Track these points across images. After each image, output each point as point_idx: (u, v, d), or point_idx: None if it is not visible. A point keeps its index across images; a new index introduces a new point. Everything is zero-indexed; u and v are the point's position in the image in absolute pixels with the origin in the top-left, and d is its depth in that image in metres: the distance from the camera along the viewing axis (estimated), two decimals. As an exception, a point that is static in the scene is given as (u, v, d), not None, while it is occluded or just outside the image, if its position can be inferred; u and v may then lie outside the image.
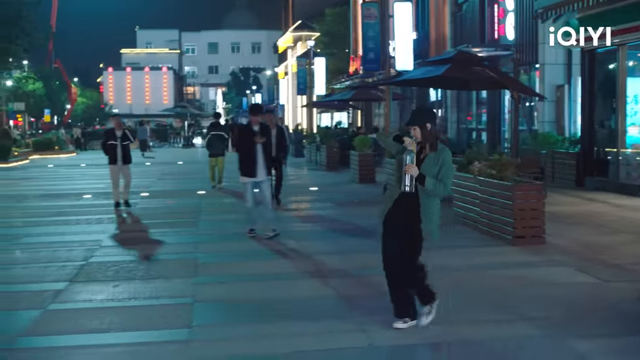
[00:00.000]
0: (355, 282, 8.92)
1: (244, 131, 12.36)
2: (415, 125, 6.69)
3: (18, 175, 28.93)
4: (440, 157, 6.61)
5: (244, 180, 12.19)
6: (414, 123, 6.73)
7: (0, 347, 6.62)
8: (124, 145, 16.83)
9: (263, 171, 12.13)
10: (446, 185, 6.57)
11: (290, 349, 6.30)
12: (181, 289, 8.83)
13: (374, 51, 24.34)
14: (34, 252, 11.46)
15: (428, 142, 6.65)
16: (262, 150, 12.10)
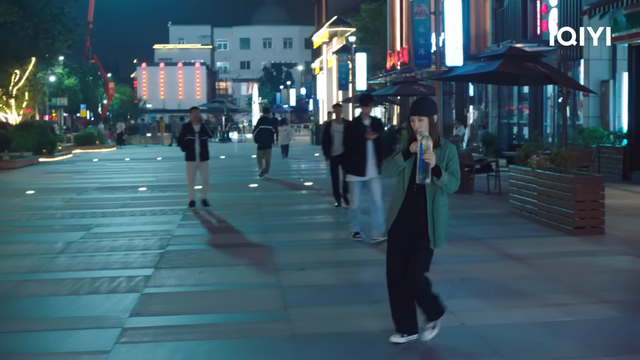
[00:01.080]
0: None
1: (353, 126, 11.37)
2: (422, 116, 6.00)
3: (68, 169, 29.62)
4: (446, 152, 6.04)
5: (351, 179, 11.32)
6: (421, 113, 6.02)
7: (115, 327, 7.11)
8: (202, 140, 15.74)
9: (373, 169, 11.17)
10: (458, 180, 6.04)
11: (382, 328, 6.71)
12: (264, 275, 9.31)
13: (424, 47, 24.72)
14: (111, 241, 11.98)
15: (433, 136, 5.96)
16: (373, 146, 11.11)
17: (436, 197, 6.08)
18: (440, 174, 5.88)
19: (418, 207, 6.09)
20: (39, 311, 7.77)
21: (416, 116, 6.01)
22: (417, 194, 6.09)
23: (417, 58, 25.31)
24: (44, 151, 36.25)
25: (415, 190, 6.08)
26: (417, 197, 6.11)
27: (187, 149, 15.78)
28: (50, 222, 14.42)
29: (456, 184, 6.00)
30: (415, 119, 6.02)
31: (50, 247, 11.47)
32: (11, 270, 9.89)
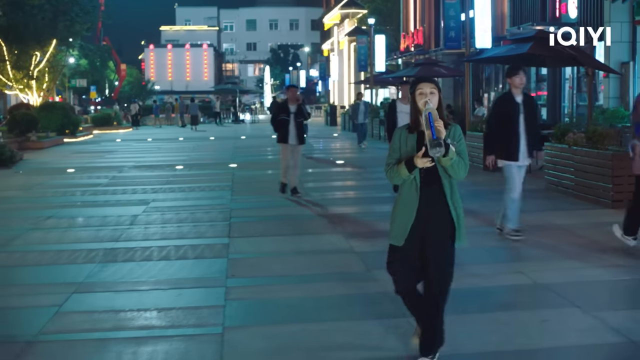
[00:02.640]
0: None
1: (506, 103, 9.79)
2: (434, 88, 5.09)
3: (96, 149, 30.36)
4: (452, 132, 5.12)
5: (504, 164, 9.82)
6: (436, 83, 5.15)
7: (219, 286, 7.86)
8: (298, 122, 14.29)
9: (526, 153, 9.78)
10: (466, 163, 5.12)
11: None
12: (336, 242, 10.06)
13: (454, 30, 25.39)
14: (175, 214, 12.70)
15: (441, 116, 5.03)
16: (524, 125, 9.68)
17: (453, 188, 5.24)
18: (448, 151, 4.91)
19: (433, 202, 5.19)
20: (141, 274, 8.48)
21: (429, 85, 5.09)
22: (430, 185, 5.19)
23: (448, 40, 25.98)
24: (67, 132, 36.96)
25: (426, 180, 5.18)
26: (430, 190, 5.20)
27: (280, 130, 14.42)
28: (106, 198, 15.14)
29: (464, 168, 5.10)
30: (427, 88, 5.06)
31: (119, 220, 12.20)
32: (93, 239, 10.61)
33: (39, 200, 15.06)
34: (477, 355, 5.68)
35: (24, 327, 6.58)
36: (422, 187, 5.18)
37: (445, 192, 5.19)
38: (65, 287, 7.81)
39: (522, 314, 6.64)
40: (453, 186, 5.24)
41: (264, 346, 5.91)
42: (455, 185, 5.25)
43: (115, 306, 7.15)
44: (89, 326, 6.60)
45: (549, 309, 6.77)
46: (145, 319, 6.77)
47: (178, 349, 5.93)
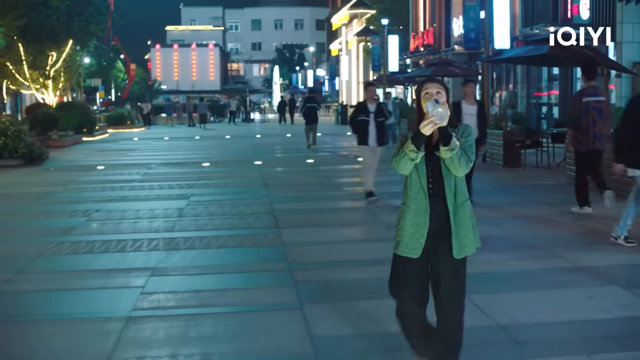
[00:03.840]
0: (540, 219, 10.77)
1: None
2: (442, 89, 4.77)
3: (117, 147, 31.04)
4: (462, 131, 4.79)
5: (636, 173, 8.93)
6: (442, 84, 4.83)
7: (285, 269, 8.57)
8: (378, 122, 13.46)
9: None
10: (470, 159, 4.70)
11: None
12: (380, 232, 10.76)
13: (474, 31, 26.13)
14: (219, 207, 13.41)
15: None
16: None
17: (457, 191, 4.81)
18: (450, 141, 4.58)
19: (439, 212, 4.79)
20: (206, 260, 9.19)
21: (435, 85, 4.78)
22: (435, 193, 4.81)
23: (467, 41, 26.77)
24: (84, 130, 37.63)
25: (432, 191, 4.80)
26: (435, 201, 4.81)
27: (360, 131, 13.61)
28: (145, 193, 15.83)
29: (465, 164, 4.67)
30: (434, 89, 4.75)
31: (166, 212, 12.90)
32: (149, 230, 11.30)
33: (80, 195, 15.72)
34: (534, 325, 6.35)
35: (118, 305, 7.27)
36: (431, 195, 4.76)
37: (447, 200, 4.76)
38: (141, 272, 8.51)
39: (569, 292, 7.33)
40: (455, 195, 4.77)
41: (346, 317, 6.60)
42: (460, 192, 4.78)
43: (195, 287, 7.84)
44: (176, 303, 7.29)
45: (592, 287, 7.47)
46: (226, 297, 7.47)
47: (266, 322, 6.62)
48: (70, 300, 7.55)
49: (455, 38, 37.04)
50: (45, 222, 12.43)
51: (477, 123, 12.22)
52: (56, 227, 11.76)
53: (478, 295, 6.96)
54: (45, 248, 10.02)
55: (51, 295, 7.75)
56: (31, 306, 7.39)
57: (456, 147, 4.61)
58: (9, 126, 23.08)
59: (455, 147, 4.61)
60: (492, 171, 18.26)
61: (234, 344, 6.09)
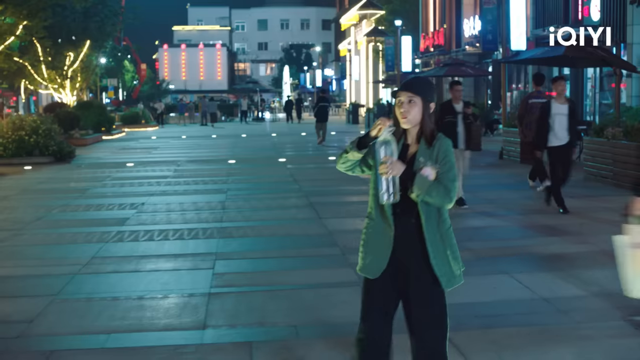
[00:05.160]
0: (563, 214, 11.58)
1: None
2: (416, 95, 4.11)
3: (139, 145, 31.86)
4: (437, 150, 4.13)
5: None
6: (414, 89, 4.13)
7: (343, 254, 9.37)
8: (466, 123, 12.57)
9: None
10: (448, 188, 4.05)
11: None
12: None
13: (491, 33, 26.96)
14: (258, 201, 14.23)
15: (425, 130, 4.16)
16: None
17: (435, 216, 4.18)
18: (414, 181, 4.02)
19: (406, 233, 4.16)
20: (270, 246, 10.02)
21: (406, 93, 4.13)
22: (405, 212, 4.16)
23: (485, 43, 27.60)
24: (103, 129, 38.47)
25: (399, 210, 4.16)
26: (402, 218, 4.18)
27: (448, 134, 13.34)
28: (183, 187, 16.61)
29: (445, 194, 4.04)
30: (404, 97, 4.13)
31: (210, 205, 13.72)
32: (199, 220, 12.11)
33: (120, 190, 16.51)
34: (573, 298, 7.15)
35: (196, 284, 8.08)
36: (397, 213, 4.15)
37: (422, 223, 4.13)
38: (205, 256, 9.36)
39: (601, 271, 8.14)
40: (434, 214, 4.16)
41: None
42: (441, 213, 4.18)
43: (260, 269, 8.69)
44: (248, 282, 8.12)
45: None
46: (292, 277, 8.28)
47: (336, 296, 7.44)
48: (149, 279, 8.35)
49: (465, 39, 37.82)
50: (97, 214, 13.22)
51: (567, 125, 11.57)
52: (110, 218, 12.55)
53: (521, 274, 7.78)
54: (108, 236, 10.83)
55: (130, 276, 8.56)
56: (115, 285, 8.16)
57: (424, 190, 4.02)
58: (40, 125, 23.88)
59: (420, 193, 4.02)
60: (509, 167, 19.07)
61: (312, 314, 6.90)
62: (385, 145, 4.01)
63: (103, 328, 6.64)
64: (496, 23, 26.40)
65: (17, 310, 7.26)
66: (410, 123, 4.14)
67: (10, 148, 23.22)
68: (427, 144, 4.12)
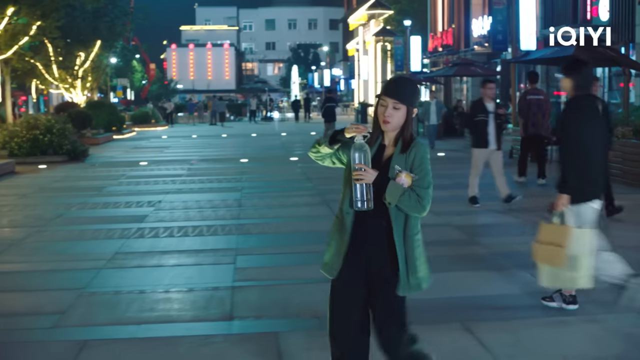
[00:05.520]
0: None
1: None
2: (401, 103, 4.06)
3: (150, 145, 32.15)
4: (413, 156, 4.08)
5: None
6: (400, 98, 4.07)
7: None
8: (498, 123, 12.33)
9: None
10: (422, 196, 4.02)
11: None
12: (446, 216, 11.80)
13: (501, 33, 27.17)
14: (272, 199, 14.47)
15: (405, 135, 4.12)
16: None
17: (406, 220, 4.11)
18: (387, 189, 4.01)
19: (375, 235, 4.12)
20: (288, 242, 10.27)
21: (392, 100, 4.06)
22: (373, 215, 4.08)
23: (495, 43, 27.84)
24: (114, 128, 38.79)
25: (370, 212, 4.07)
26: (372, 219, 4.11)
27: (477, 133, 12.44)
28: (199, 186, 16.86)
29: (417, 203, 4.01)
30: (390, 103, 4.07)
31: (225, 203, 13.98)
32: (216, 217, 12.36)
33: (136, 188, 16.76)
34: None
35: (219, 278, 8.33)
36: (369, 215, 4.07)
37: (392, 224, 4.08)
38: (226, 252, 9.62)
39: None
40: (404, 219, 4.10)
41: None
42: (411, 219, 4.11)
43: (281, 263, 8.97)
44: (269, 276, 8.37)
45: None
46: (313, 271, 8.49)
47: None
48: (173, 273, 8.60)
49: (474, 38, 38.00)
50: (116, 211, 13.48)
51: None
52: (129, 216, 12.80)
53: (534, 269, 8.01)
54: (129, 233, 11.08)
55: (154, 270, 8.80)
56: (140, 278, 8.40)
57: (397, 198, 4.00)
58: (54, 124, 24.15)
59: (393, 201, 4.01)
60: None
61: (314, 309, 7.13)
62: (360, 151, 3.99)
63: (133, 319, 6.89)
64: (506, 23, 26.63)
65: (48, 302, 7.51)
66: (392, 128, 4.10)
67: (24, 147, 23.47)
68: (404, 148, 4.09)
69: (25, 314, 7.21)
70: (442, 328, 6.42)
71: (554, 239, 6.14)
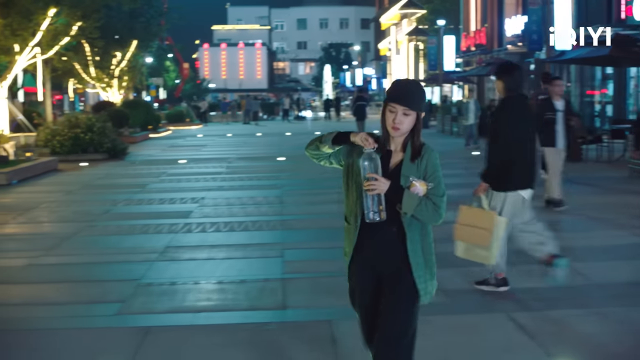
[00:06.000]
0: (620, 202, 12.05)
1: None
2: (411, 109, 3.94)
3: (186, 143, 32.64)
4: (425, 163, 3.99)
5: None
6: (410, 104, 3.94)
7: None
8: (566, 121, 11.96)
9: None
10: (438, 205, 3.95)
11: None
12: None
13: (536, 33, 27.35)
14: (313, 196, 14.80)
15: (414, 142, 4.02)
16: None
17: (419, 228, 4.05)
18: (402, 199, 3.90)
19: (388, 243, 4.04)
20: (335, 237, 10.58)
21: (402, 107, 3.94)
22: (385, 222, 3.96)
23: (530, 43, 28.04)
24: (150, 127, 39.34)
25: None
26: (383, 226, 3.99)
27: (545, 131, 11.71)
28: (240, 183, 17.24)
29: (434, 212, 3.94)
30: (399, 110, 3.95)
31: (267, 199, 14.33)
32: (259, 213, 12.71)
33: (178, 185, 17.16)
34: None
35: (268, 270, 8.68)
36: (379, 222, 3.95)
37: (405, 233, 4.00)
38: (273, 246, 9.99)
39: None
40: (418, 226, 4.03)
41: (459, 277, 7.95)
42: (425, 226, 4.06)
43: (328, 257, 9.23)
44: (317, 269, 8.71)
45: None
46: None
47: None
48: (225, 266, 8.96)
49: (507, 38, 38.12)
50: (161, 207, 13.88)
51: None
52: (174, 211, 13.18)
53: (578, 263, 8.28)
54: (176, 228, 11.47)
55: (206, 263, 9.17)
56: (193, 270, 8.78)
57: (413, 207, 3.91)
58: (95, 122, 24.67)
59: (409, 211, 3.92)
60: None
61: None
62: (370, 161, 3.87)
63: (190, 308, 7.26)
64: (541, 23, 26.79)
65: (108, 292, 7.90)
66: (401, 134, 3.99)
67: (66, 145, 23.98)
68: (414, 156, 3.98)
69: (88, 302, 7.60)
70: (487, 317, 6.72)
71: (477, 221, 6.69)
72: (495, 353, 5.90)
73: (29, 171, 19.39)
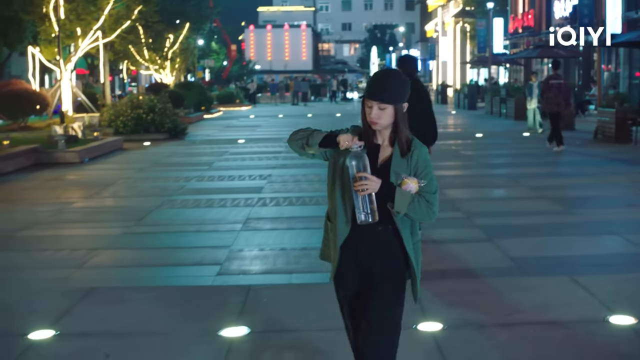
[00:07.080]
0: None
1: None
2: (385, 103, 3.78)
3: (240, 124, 33.62)
4: (415, 160, 3.85)
5: None
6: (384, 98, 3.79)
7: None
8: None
9: None
10: (431, 202, 3.84)
11: None
12: (525, 192, 12.82)
13: (588, 17, 27.84)
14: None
15: (400, 137, 3.86)
16: None
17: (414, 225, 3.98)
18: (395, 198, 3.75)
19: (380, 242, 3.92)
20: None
21: (375, 102, 3.80)
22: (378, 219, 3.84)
23: (581, 25, 28.50)
24: (203, 108, 40.40)
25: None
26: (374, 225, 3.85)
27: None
28: (300, 162, 17.87)
29: (428, 210, 3.83)
30: (374, 106, 3.80)
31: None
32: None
33: (243, 163, 18.02)
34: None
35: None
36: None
37: (401, 232, 3.89)
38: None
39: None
40: (409, 224, 3.93)
41: (522, 246, 8.75)
42: (414, 225, 3.96)
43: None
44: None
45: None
46: (441, 234, 9.67)
47: (471, 249, 8.79)
48: (305, 234, 9.80)
49: (555, 20, 38.44)
50: (232, 183, 14.78)
51: None
52: (246, 187, 14.06)
53: (630, 234, 9.00)
54: (252, 202, 12.37)
55: (287, 232, 10.04)
56: (277, 238, 9.64)
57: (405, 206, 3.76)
58: (156, 103, 25.68)
59: (402, 210, 3.77)
60: (604, 146, 20.02)
61: (449, 264, 8.26)
62: (358, 159, 3.72)
63: (283, 270, 8.15)
64: (592, 6, 27.23)
65: (205, 257, 8.79)
66: (383, 127, 3.82)
67: (129, 125, 25.04)
68: (403, 152, 3.84)
69: (190, 264, 8.51)
70: (550, 279, 7.49)
71: None
72: (559, 308, 6.66)
73: (98, 150, 20.44)
